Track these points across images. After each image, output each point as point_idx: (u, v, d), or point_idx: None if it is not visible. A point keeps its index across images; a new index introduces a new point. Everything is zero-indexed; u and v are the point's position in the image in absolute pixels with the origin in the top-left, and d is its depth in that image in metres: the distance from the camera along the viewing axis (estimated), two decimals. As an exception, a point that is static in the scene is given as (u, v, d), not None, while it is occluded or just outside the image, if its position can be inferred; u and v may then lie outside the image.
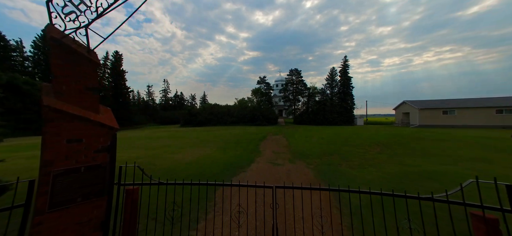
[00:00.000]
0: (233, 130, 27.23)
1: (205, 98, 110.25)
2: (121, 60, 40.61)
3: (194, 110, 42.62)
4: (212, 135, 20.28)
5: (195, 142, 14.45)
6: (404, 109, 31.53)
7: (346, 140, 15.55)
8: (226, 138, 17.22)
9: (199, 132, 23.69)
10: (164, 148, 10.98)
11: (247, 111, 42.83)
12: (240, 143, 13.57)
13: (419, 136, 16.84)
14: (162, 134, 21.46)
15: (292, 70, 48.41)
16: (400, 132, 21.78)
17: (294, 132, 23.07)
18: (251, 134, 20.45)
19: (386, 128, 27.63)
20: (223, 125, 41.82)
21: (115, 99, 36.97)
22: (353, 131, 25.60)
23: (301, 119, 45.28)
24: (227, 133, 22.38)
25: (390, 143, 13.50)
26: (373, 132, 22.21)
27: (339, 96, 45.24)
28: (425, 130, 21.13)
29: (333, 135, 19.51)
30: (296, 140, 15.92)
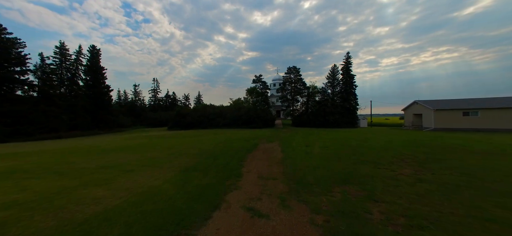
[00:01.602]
0: (222, 135, 23.87)
1: (200, 99, 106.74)
2: (99, 55, 36.98)
3: (183, 111, 39.21)
4: (193, 142, 16.89)
5: (161, 156, 11.07)
6: (415, 110, 28.43)
7: (357, 150, 12.28)
8: (207, 148, 13.85)
9: (179, 138, 20.24)
10: (97, 172, 7.49)
11: (242, 112, 39.50)
12: (219, 158, 10.22)
13: (449, 144, 13.61)
14: (132, 142, 17.99)
15: (290, 68, 45.23)
16: (417, 137, 18.54)
17: (291, 138, 19.77)
18: (240, 141, 17.10)
19: (397, 132, 24.44)
20: (214, 127, 38.50)
21: (91, 100, 33.25)
22: (359, 135, 22.37)
23: (300, 120, 42.05)
24: (212, 139, 19.01)
25: (417, 156, 10.24)
26: (384, 138, 18.97)
27: (341, 96, 42.12)
28: (448, 136, 18.00)
29: (338, 141, 16.23)
30: (293, 150, 12.62)
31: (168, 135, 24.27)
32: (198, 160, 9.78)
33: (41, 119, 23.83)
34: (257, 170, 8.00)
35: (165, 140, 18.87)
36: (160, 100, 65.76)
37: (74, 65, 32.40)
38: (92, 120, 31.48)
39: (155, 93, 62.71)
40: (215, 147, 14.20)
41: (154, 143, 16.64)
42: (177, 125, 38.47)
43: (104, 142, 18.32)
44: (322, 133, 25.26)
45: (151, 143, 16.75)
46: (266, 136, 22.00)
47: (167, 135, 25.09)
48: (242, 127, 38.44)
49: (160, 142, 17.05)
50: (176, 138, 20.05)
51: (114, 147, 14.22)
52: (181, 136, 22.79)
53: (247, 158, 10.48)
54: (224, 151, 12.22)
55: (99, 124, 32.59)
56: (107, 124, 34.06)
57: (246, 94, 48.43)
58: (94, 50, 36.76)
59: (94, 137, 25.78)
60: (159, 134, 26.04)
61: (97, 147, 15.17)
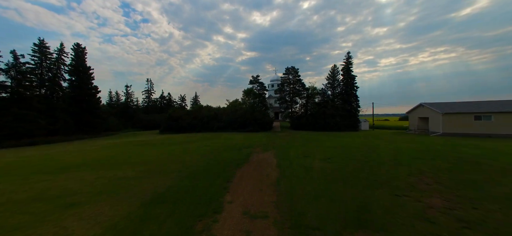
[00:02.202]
0: (214, 141, 22.11)
1: (197, 100, 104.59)
2: (84, 54, 34.78)
3: (175, 114, 37.33)
4: (177, 153, 15.10)
5: (130, 177, 9.28)
6: (421, 113, 26.87)
7: (365, 163, 10.63)
8: (191, 161, 12.10)
9: (165, 146, 18.36)
10: (18, 210, 5.74)
11: (237, 115, 37.75)
12: (200, 179, 8.45)
13: (469, 156, 11.98)
14: (106, 153, 16.07)
15: (288, 68, 43.58)
16: (427, 144, 16.92)
17: (289, 146, 18.06)
18: (231, 151, 15.35)
19: (402, 137, 22.84)
20: (209, 131, 36.72)
21: (76, 102, 31.01)
22: (363, 141, 20.74)
23: (299, 123, 40.39)
24: (201, 148, 17.23)
25: (439, 174, 8.58)
26: (391, 145, 17.34)
27: (341, 97, 40.54)
28: (461, 143, 16.43)
29: (341, 151, 14.55)
30: (291, 164, 10.92)
31: (154, 141, 22.42)
32: (173, 182, 8.01)
33: (12, 124, 21.68)
34: (244, 199, 6.25)
35: (147, 149, 17.04)
36: (154, 101, 63.75)
37: (55, 65, 30.23)
38: (77, 123, 29.41)
39: (149, 95, 60.67)
40: (201, 159, 12.43)
41: (131, 154, 14.78)
42: (169, 129, 36.62)
43: (72, 152, 16.25)
44: (322, 139, 23.59)
45: (127, 153, 14.88)
46: (261, 143, 20.27)
47: (154, 141, 23.25)
48: (238, 130, 36.71)
49: (139, 153, 15.21)
50: (161, 146, 18.22)
51: (76, 162, 12.29)
52: (168, 142, 20.95)
53: (235, 176, 8.74)
54: (210, 166, 10.47)
55: (85, 127, 30.53)
56: (94, 127, 31.99)
57: (243, 95, 46.66)
58: (79, 49, 34.45)
59: (74, 143, 23.83)
60: (146, 140, 24.18)
61: (55, 161, 13.19)
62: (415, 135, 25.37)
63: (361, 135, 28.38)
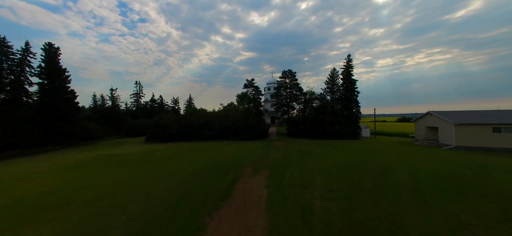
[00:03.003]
0: (200, 155, 19.62)
1: (191, 102, 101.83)
2: (57, 55, 31.40)
3: (162, 121, 34.69)
4: (148, 178, 12.58)
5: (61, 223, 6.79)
6: (429, 123, 24.81)
7: (378, 200, 8.35)
8: (157, 195, 9.65)
9: (137, 165, 15.69)
10: None
11: (230, 122, 35.29)
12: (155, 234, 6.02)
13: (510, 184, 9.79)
14: (63, 177, 13.50)
15: (285, 72, 41.38)
16: (447, 163, 14.66)
17: (285, 163, 15.69)
18: (216, 173, 12.88)
19: (412, 151, 20.66)
20: (199, 139, 34.19)
21: (46, 109, 28.28)
22: (369, 157, 18.48)
23: (296, 130, 38.12)
24: (181, 167, 14.72)
25: (483, 219, 6.30)
26: (403, 162, 15.09)
27: (341, 103, 38.45)
28: (489, 162, 14.29)
29: (348, 176, 12.22)
30: (284, 199, 8.58)
31: (131, 156, 19.79)
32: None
33: None
34: None
35: (115, 170, 14.44)
36: (144, 105, 60.83)
37: (19, 67, 27.14)
38: (47, 133, 26.40)
39: (137, 98, 57.70)
40: (172, 191, 9.94)
41: (89, 181, 12.15)
42: (155, 137, 33.95)
43: (4, 179, 13.41)
44: (322, 152, 21.28)
45: (85, 180, 12.26)
46: (254, 158, 17.89)
47: (131, 155, 20.61)
48: (230, 138, 34.25)
49: (100, 178, 12.61)
50: (134, 165, 15.63)
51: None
52: (146, 158, 18.34)
53: (207, 228, 6.32)
54: (178, 209, 8.01)
55: (57, 138, 27.50)
56: (69, 136, 28.94)
57: (237, 99, 44.29)
58: (51, 49, 30.75)
59: (37, 157, 20.87)
60: (123, 153, 21.52)
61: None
62: (424, 147, 23.25)
63: (364, 146, 26.21)
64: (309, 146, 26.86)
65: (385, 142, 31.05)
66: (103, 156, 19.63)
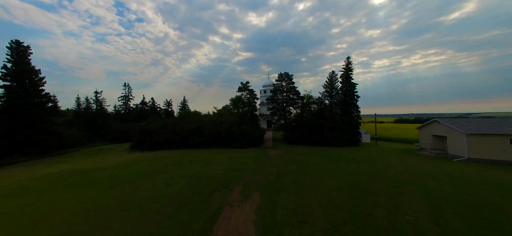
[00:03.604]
0: (185, 170, 17.42)
1: (185, 104, 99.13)
2: (27, 55, 28.09)
3: (149, 127, 32.31)
4: (117, 201, 10.38)
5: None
6: (436, 131, 23.14)
7: (400, 234, 6.38)
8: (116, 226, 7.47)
9: (109, 184, 13.40)
10: None
11: (222, 128, 33.15)
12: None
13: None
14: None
15: (281, 74, 39.48)
16: (465, 181, 12.80)
17: (280, 180, 13.63)
18: (194, 198, 10.75)
19: (421, 164, 18.86)
20: (188, 147, 31.97)
21: (9, 116, 25.13)
22: (374, 171, 16.63)
23: (293, 137, 36.20)
24: (160, 189, 12.52)
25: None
26: (415, 178, 13.22)
27: (340, 108, 36.70)
28: (507, 178, 12.48)
29: (353, 201, 10.24)
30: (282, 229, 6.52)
31: (105, 170, 17.45)
32: None
33: None
34: None
35: (75, 193, 12.13)
36: (134, 108, 58.11)
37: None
38: (12, 143, 23.62)
39: (126, 101, 54.96)
40: (136, 231, 7.75)
41: (16, 217, 9.83)
42: (142, 145, 31.55)
43: None
44: (321, 165, 19.34)
45: (6, 218, 9.92)
46: (245, 172, 15.81)
47: (107, 168, 18.28)
48: (223, 146, 32.13)
49: (43, 210, 10.32)
50: (104, 185, 13.33)
51: None
52: (118, 177, 16.00)
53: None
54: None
55: (25, 147, 24.70)
56: (40, 146, 26.13)
57: (230, 103, 42.16)
58: (20, 48, 27.45)
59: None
60: (98, 167, 19.14)
61: None
62: (431, 158, 21.51)
63: (366, 157, 24.38)
64: (307, 156, 24.93)
65: (388, 150, 29.35)
66: (71, 171, 17.24)
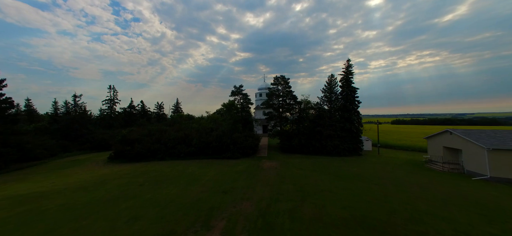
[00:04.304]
0: (164, 191, 14.76)
1: (178, 107, 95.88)
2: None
3: (131, 136, 29.37)
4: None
5: None
6: (449, 143, 20.98)
7: None
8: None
9: (58, 216, 10.56)
10: None
11: (213, 137, 30.47)
12: None
13: None
14: None
15: (277, 78, 37.11)
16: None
17: (273, 213, 11.08)
18: (165, 235, 8.11)
19: (438, 183, 16.58)
20: (175, 158, 29.19)
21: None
22: (384, 191, 14.27)
23: (290, 145, 33.80)
24: (123, 222, 9.79)
25: None
26: (444, 213, 10.81)
27: (340, 114, 34.47)
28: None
29: (371, 227, 7.80)
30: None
31: (48, 199, 14.56)
32: None
33: None
34: None
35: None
36: (124, 112, 54.69)
37: None
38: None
39: (111, 104, 51.63)
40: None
41: None
42: (122, 155, 28.60)
43: None
44: (321, 184, 16.88)
45: None
46: (229, 201, 13.20)
47: (56, 193, 15.36)
48: (213, 156, 29.49)
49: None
50: (26, 226, 10.45)
51: None
52: (70, 207, 13.10)
53: None
54: None
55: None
56: (0, 159, 22.68)
57: (222, 107, 39.50)
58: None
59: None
60: (47, 190, 16.14)
61: None
62: (444, 174, 19.26)
63: (371, 171, 22.09)
64: (305, 170, 22.50)
65: (393, 162, 27.15)
66: (14, 198, 14.23)
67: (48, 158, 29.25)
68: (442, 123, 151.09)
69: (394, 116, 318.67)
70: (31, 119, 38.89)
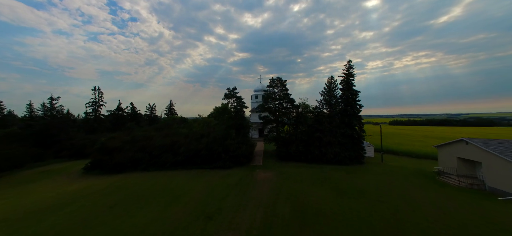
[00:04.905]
0: (132, 218, 12.16)
1: (172, 109, 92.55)
2: None
3: (110, 144, 26.57)
4: None
5: None
6: (464, 153, 18.84)
7: None
8: None
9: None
10: None
11: (203, 144, 27.88)
12: None
13: None
14: None
15: (273, 80, 34.84)
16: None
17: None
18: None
19: (459, 205, 14.38)
20: (159, 168, 26.57)
21: None
22: (398, 211, 12.04)
23: (287, 153, 31.50)
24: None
25: None
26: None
27: (341, 119, 32.24)
28: None
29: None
30: None
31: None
32: None
33: None
34: None
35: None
36: (111, 115, 51.49)
37: None
38: None
39: (96, 107, 48.47)
40: None
41: None
42: (100, 165, 25.81)
43: None
44: (323, 205, 14.58)
45: None
46: (214, 227, 10.76)
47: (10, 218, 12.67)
48: (203, 165, 26.96)
49: None
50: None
51: None
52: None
53: None
54: None
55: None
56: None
57: (213, 112, 36.96)
58: None
59: None
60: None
61: None
62: (461, 190, 17.11)
63: (377, 185, 19.89)
64: (304, 184, 20.20)
65: (399, 172, 25.07)
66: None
67: (12, 169, 26.06)
68: (439, 124, 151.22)
69: (391, 117, 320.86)
70: (5, 124, 35.36)
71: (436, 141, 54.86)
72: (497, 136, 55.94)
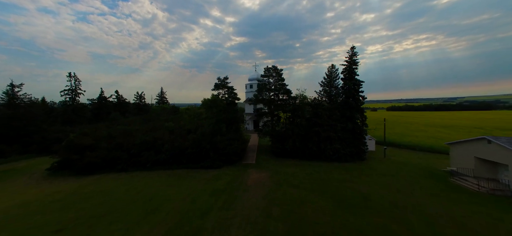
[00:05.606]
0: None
1: (163, 97, 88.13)
2: None
3: (80, 142, 23.28)
4: None
5: None
6: (484, 153, 16.54)
7: None
8: None
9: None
10: None
11: (189, 142, 24.96)
12: None
13: None
14: None
15: (268, 68, 31.60)
16: None
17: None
18: None
19: (482, 208, 12.18)
20: (140, 168, 23.77)
21: None
22: (412, 227, 9.60)
23: (282, 148, 28.95)
24: None
25: None
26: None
27: (342, 112, 29.54)
28: None
29: None
30: None
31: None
32: None
33: None
34: None
35: None
36: (93, 104, 47.25)
37: None
38: None
39: (73, 96, 44.12)
40: None
41: None
42: (69, 166, 22.64)
43: None
44: (322, 219, 12.11)
45: None
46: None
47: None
48: (189, 165, 24.24)
49: None
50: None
51: None
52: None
53: None
54: None
55: None
56: None
57: (202, 104, 33.73)
58: None
59: None
60: None
61: None
62: (484, 197, 14.92)
63: (382, 190, 17.59)
64: (301, 189, 17.81)
65: (404, 170, 23.05)
66: None
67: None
68: (437, 109, 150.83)
69: (388, 102, 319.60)
70: None
71: (436, 130, 53.10)
72: (494, 122, 53.96)
